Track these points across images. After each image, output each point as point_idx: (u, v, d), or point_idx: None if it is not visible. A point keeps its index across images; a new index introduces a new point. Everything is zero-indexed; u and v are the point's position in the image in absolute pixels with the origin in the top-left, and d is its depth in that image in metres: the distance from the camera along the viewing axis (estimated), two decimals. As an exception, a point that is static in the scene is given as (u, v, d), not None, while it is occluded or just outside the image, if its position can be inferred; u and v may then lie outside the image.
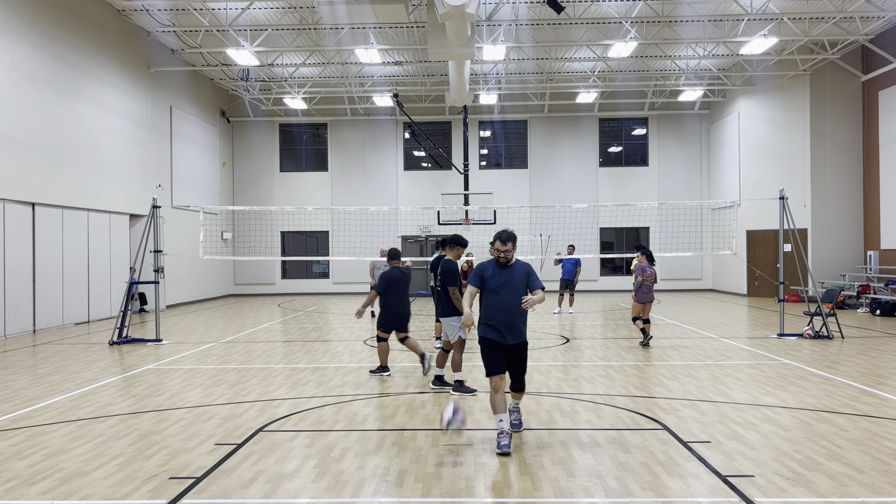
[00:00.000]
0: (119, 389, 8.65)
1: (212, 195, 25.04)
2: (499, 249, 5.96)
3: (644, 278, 11.89)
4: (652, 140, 27.61)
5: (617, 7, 17.77)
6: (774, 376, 9.08)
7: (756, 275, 22.77)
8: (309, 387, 8.63)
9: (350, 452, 5.77)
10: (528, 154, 27.72)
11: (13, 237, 14.36)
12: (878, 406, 7.32)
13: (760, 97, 23.37)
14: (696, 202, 21.71)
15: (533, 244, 25.80)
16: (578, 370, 9.73)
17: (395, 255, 9.49)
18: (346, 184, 27.66)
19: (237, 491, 4.87)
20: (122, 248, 18.75)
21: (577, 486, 4.92)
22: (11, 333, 14.20)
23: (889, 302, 16.90)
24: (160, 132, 21.23)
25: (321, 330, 15.18)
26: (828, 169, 21.13)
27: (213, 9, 17.65)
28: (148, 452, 5.82)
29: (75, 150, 16.55)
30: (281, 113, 27.67)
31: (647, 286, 11.90)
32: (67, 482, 5.07)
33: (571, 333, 14.02)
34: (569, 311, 18.25)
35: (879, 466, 5.29)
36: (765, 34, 18.44)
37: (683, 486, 4.91)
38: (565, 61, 22.52)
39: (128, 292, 13.29)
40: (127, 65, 19.07)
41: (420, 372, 9.53)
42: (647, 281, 11.89)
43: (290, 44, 20.22)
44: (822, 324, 12.73)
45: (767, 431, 6.33)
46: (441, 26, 14.22)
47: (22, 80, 14.70)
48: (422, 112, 26.80)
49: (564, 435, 6.28)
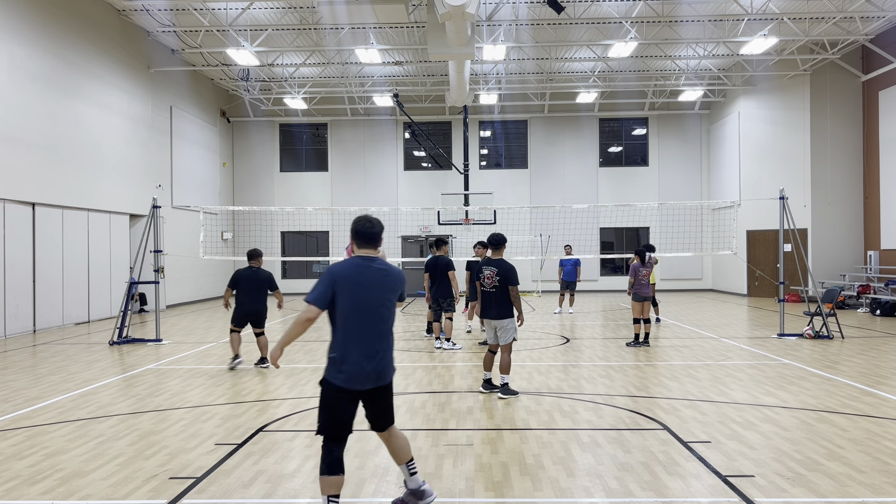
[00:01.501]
0: (119, 389, 8.65)
1: (212, 195, 25.04)
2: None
3: (638, 278, 11.92)
4: (652, 140, 27.61)
5: (617, 7, 17.76)
6: (774, 376, 9.08)
7: (756, 275, 22.77)
8: (309, 387, 8.63)
9: (350, 452, 5.77)
10: (528, 154, 27.72)
11: (13, 237, 14.36)
12: (878, 406, 7.32)
13: (760, 97, 23.37)
14: (696, 202, 21.70)
15: (533, 244, 25.80)
16: (578, 370, 9.72)
17: (253, 256, 10.04)
18: (346, 184, 27.67)
19: (237, 491, 4.87)
20: (122, 248, 18.75)
21: (577, 486, 4.92)
22: (11, 333, 14.19)
23: (889, 302, 16.89)
24: (160, 132, 21.23)
25: (321, 330, 15.13)
26: (828, 169, 21.12)
27: (213, 9, 17.66)
28: (148, 452, 5.82)
29: (75, 150, 16.55)
30: (281, 113, 27.67)
31: (641, 284, 11.92)
32: (67, 482, 5.07)
33: (571, 333, 14.02)
34: (569, 311, 18.25)
35: (879, 466, 5.29)
36: (765, 34, 18.44)
37: (683, 486, 4.91)
38: (565, 61, 22.52)
39: (128, 292, 13.28)
40: (127, 65, 19.07)
41: (419, 374, 9.52)
42: (641, 280, 11.92)
43: (290, 44, 20.22)
44: (822, 324, 12.73)
45: (767, 431, 6.32)
46: (441, 26, 14.22)
47: (22, 80, 14.70)
48: (422, 112, 26.81)
49: (564, 435, 6.27)
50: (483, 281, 8.00)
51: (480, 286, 8.05)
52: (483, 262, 8.21)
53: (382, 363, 4.17)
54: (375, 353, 4.13)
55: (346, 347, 4.10)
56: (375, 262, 4.24)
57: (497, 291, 7.90)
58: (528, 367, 9.93)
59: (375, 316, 4.16)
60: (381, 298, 4.19)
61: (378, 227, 4.31)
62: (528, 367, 9.87)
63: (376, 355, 4.14)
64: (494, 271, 7.93)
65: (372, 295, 4.16)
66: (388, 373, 4.25)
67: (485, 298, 8.03)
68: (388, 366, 4.24)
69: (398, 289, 4.29)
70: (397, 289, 4.28)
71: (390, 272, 4.27)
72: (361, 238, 4.28)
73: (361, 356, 4.09)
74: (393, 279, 4.26)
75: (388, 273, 4.26)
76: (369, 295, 4.15)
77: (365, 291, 4.15)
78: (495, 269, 7.94)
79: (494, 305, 7.93)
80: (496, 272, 7.92)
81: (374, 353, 4.13)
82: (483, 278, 8.00)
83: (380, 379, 4.18)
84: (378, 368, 4.14)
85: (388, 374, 4.25)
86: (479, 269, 8.14)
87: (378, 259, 4.29)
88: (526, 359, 10.69)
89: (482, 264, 8.15)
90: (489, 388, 8.14)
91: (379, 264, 4.25)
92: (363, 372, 4.09)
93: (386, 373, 4.23)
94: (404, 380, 9.07)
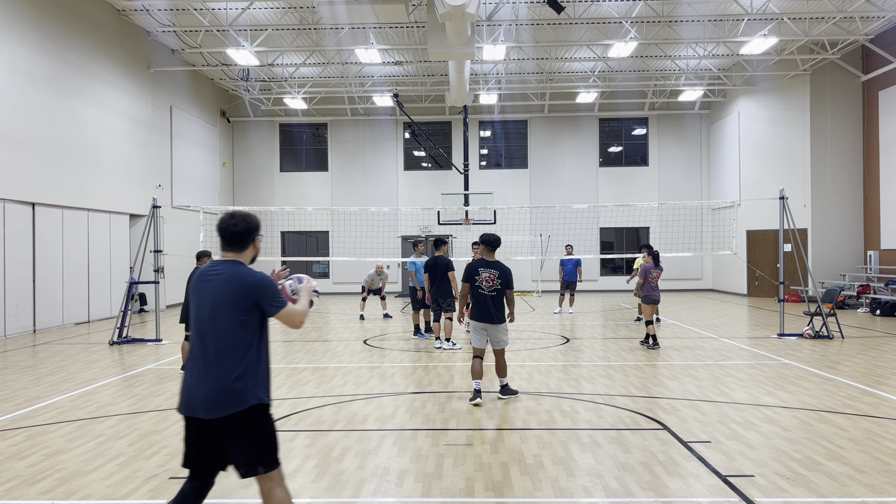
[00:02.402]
0: (119, 389, 8.65)
1: (212, 195, 25.04)
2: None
3: (649, 279, 11.67)
4: (652, 140, 27.61)
5: (617, 7, 17.76)
6: (774, 376, 9.08)
7: (756, 275, 22.77)
8: (309, 387, 8.63)
9: (350, 452, 5.77)
10: (528, 154, 27.72)
11: (13, 237, 14.36)
12: (878, 406, 7.32)
13: (760, 97, 23.37)
14: (696, 202, 21.73)
15: (533, 244, 25.80)
16: (578, 370, 9.72)
17: (201, 256, 9.81)
18: (346, 184, 27.67)
19: (237, 491, 4.87)
20: (122, 248, 18.75)
21: (577, 486, 4.92)
22: (11, 333, 14.19)
23: (889, 302, 16.89)
24: (160, 132, 21.23)
25: (321, 330, 15.18)
26: (828, 169, 21.12)
27: (213, 9, 17.65)
28: (148, 452, 5.82)
29: (75, 150, 16.55)
30: (281, 113, 27.67)
31: (651, 286, 11.69)
32: (67, 482, 5.07)
33: (571, 333, 14.02)
34: (569, 311, 18.25)
35: (879, 466, 5.29)
36: (765, 34, 18.44)
37: (683, 486, 4.91)
38: (565, 61, 22.52)
39: (128, 292, 13.29)
40: (127, 65, 19.07)
41: (419, 373, 9.53)
42: (651, 282, 11.68)
43: (290, 44, 20.22)
44: (822, 324, 12.73)
45: (767, 431, 6.32)
46: (441, 26, 14.22)
47: (22, 80, 14.70)
48: (422, 112, 26.80)
49: (564, 435, 6.27)
50: (482, 283, 7.62)
51: (478, 289, 7.64)
52: (479, 263, 7.77)
53: (220, 391, 3.37)
54: (208, 377, 3.39)
55: (188, 365, 3.51)
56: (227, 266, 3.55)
57: (497, 294, 7.63)
58: (528, 367, 9.93)
59: (212, 332, 3.44)
60: (221, 311, 3.45)
61: (241, 226, 3.61)
62: (528, 367, 9.87)
63: (209, 380, 3.39)
64: (496, 274, 7.62)
65: (209, 307, 3.48)
66: (225, 404, 3.36)
67: (482, 301, 7.62)
68: (229, 395, 3.36)
69: (242, 302, 3.45)
70: (240, 302, 3.45)
71: (234, 280, 3.49)
72: (220, 238, 3.63)
73: (195, 378, 3.43)
74: (235, 289, 3.47)
75: (230, 281, 3.49)
76: (207, 306, 3.49)
77: (203, 302, 3.52)
78: (496, 271, 7.64)
79: (494, 309, 7.60)
80: (497, 275, 7.62)
81: (206, 376, 3.40)
82: (481, 280, 7.62)
83: (213, 409, 3.36)
84: (211, 396, 3.37)
85: (225, 405, 3.36)
86: (475, 270, 7.71)
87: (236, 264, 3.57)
88: (526, 359, 10.69)
89: (478, 266, 7.73)
90: (507, 394, 7.82)
91: (227, 270, 3.53)
92: (194, 396, 3.41)
93: (221, 404, 3.36)
94: (404, 380, 9.07)
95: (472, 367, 7.67)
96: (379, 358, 10.98)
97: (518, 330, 14.52)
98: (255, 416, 3.42)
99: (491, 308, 7.59)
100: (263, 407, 3.47)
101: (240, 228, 3.61)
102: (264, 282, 3.53)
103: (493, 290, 7.60)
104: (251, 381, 3.43)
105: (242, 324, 3.45)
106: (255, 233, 3.66)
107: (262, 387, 3.48)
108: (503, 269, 7.68)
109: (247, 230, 3.62)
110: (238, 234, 3.61)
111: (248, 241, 3.65)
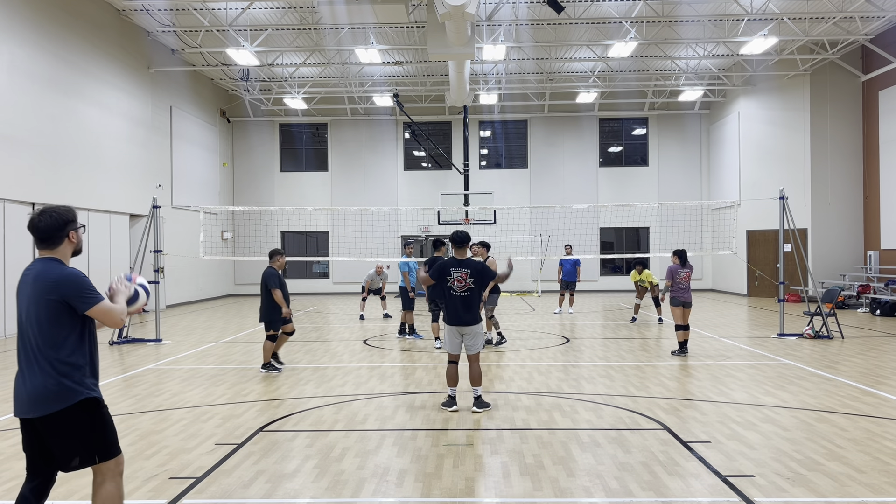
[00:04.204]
0: (119, 389, 8.65)
1: (212, 195, 25.04)
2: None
3: (677, 281, 10.91)
4: (652, 140, 27.61)
5: (617, 7, 17.77)
6: (774, 376, 9.08)
7: (756, 275, 22.77)
8: (309, 387, 8.63)
9: (350, 452, 5.77)
10: (528, 154, 27.72)
11: (13, 237, 14.36)
12: (878, 406, 7.32)
13: (760, 97, 23.37)
14: (696, 202, 21.72)
15: (533, 244, 25.80)
16: (578, 370, 9.72)
17: (274, 254, 10.18)
18: (346, 184, 27.67)
19: (237, 491, 4.87)
20: (122, 248, 18.74)
21: (577, 486, 4.92)
22: (11, 333, 14.19)
23: (889, 302, 16.89)
24: (160, 132, 21.23)
25: (321, 330, 15.18)
26: (828, 169, 21.13)
27: (213, 9, 17.65)
28: (148, 452, 5.82)
29: (75, 150, 16.54)
30: (281, 113, 27.67)
31: (680, 288, 10.94)
32: (68, 482, 5.06)
33: (571, 333, 14.02)
34: (569, 311, 18.25)
35: (879, 466, 5.29)
36: (765, 34, 18.44)
37: (683, 486, 4.91)
38: (565, 61, 22.52)
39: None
40: (127, 65, 19.07)
41: (419, 373, 9.53)
42: (680, 283, 10.93)
43: (290, 44, 20.22)
44: (822, 324, 12.73)
45: (767, 431, 6.33)
46: (441, 26, 14.22)
47: (22, 80, 14.70)
48: (422, 112, 26.80)
49: (564, 435, 6.27)
50: (453, 284, 7.14)
51: (449, 290, 7.17)
52: (451, 263, 7.22)
53: (35, 390, 3.39)
54: (32, 377, 3.42)
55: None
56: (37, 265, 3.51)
57: (470, 295, 7.14)
58: (528, 367, 9.94)
59: (30, 332, 3.44)
60: (33, 310, 3.42)
61: (47, 222, 3.51)
62: (528, 367, 9.87)
63: (33, 378, 3.42)
64: (467, 273, 7.12)
65: (25, 307, 3.47)
66: (49, 402, 3.39)
67: (453, 303, 7.16)
68: (51, 393, 3.39)
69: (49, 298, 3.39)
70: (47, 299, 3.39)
71: (39, 277, 3.44)
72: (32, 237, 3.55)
73: (20, 379, 3.48)
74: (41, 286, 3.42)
75: (36, 279, 3.45)
76: (24, 307, 3.48)
77: (21, 302, 3.51)
78: (467, 270, 7.14)
79: (464, 310, 7.13)
80: (469, 273, 7.12)
81: (29, 376, 3.43)
82: (453, 281, 7.14)
83: (32, 408, 3.40)
84: (33, 395, 3.40)
85: (49, 403, 3.38)
86: (446, 270, 7.20)
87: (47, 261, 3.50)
88: (526, 359, 10.69)
89: (449, 266, 7.20)
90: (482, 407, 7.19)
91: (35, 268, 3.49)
92: (19, 397, 3.47)
93: (44, 402, 3.39)
94: (404, 380, 9.07)
95: (447, 372, 7.31)
96: (379, 358, 10.99)
97: (518, 330, 14.52)
98: (81, 412, 3.46)
99: (460, 310, 7.15)
100: (93, 401, 3.51)
101: (45, 224, 3.51)
102: (70, 277, 3.44)
103: (465, 290, 7.15)
104: (72, 378, 3.43)
105: (56, 321, 3.42)
106: (68, 227, 3.56)
107: (86, 382, 3.49)
108: (474, 265, 7.21)
109: (55, 225, 3.52)
110: (45, 230, 3.51)
111: (61, 236, 3.54)
